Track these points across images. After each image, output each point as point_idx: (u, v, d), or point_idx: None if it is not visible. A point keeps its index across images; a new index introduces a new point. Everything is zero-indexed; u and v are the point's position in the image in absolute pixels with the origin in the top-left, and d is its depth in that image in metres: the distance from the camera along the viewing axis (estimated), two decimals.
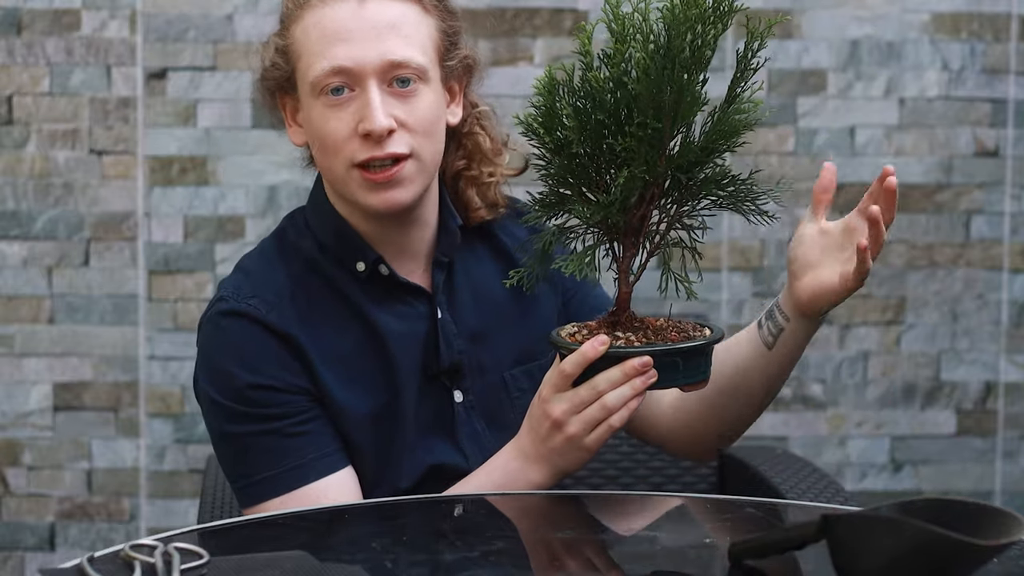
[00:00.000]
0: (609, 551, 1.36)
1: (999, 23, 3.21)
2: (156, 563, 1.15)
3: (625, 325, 1.46)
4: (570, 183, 1.42)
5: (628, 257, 1.45)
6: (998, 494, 3.28)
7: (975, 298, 3.25)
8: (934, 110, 3.22)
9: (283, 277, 1.64)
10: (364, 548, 1.32)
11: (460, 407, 1.66)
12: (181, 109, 3.08)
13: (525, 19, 3.14)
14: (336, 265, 1.65)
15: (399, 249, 1.65)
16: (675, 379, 1.44)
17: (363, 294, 1.64)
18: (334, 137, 1.58)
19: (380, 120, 1.55)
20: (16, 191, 3.07)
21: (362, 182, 1.58)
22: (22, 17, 3.05)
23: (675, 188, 1.42)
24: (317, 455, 1.58)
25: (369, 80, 1.56)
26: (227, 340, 1.60)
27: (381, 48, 1.56)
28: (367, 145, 1.56)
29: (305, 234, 1.67)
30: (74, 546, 3.11)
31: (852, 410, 3.25)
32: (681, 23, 1.36)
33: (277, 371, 1.58)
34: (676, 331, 1.45)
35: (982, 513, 1.13)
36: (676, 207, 1.45)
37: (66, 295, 3.09)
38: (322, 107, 1.58)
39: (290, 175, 3.04)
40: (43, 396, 3.10)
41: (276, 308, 1.60)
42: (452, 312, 1.67)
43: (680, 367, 1.42)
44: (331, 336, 1.62)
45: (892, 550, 1.08)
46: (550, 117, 1.40)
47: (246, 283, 1.63)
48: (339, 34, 1.57)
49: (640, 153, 1.37)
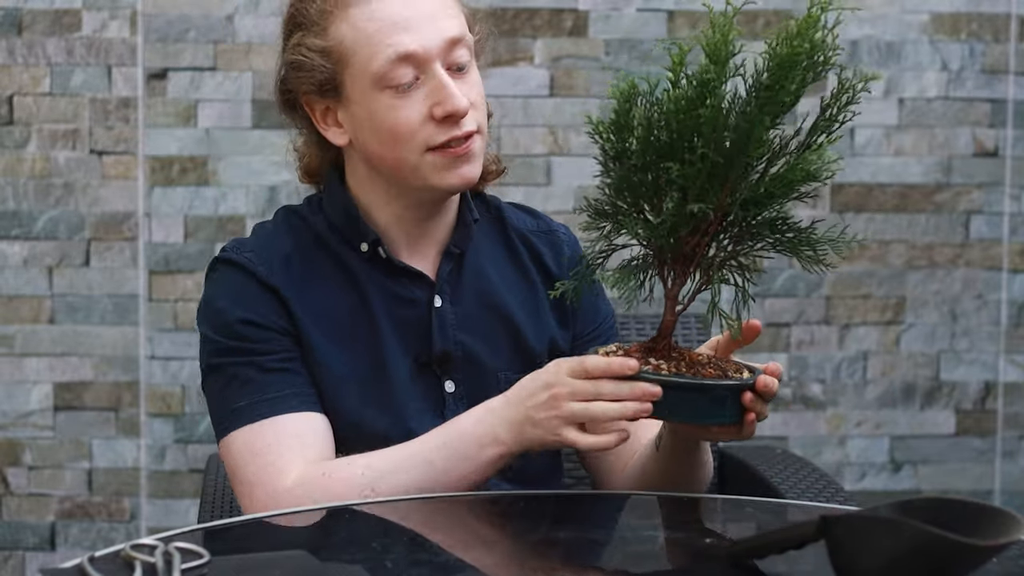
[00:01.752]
0: (609, 551, 1.36)
1: (999, 23, 3.21)
2: (156, 563, 1.15)
3: (662, 352, 1.41)
4: (626, 196, 1.39)
5: (677, 284, 1.41)
6: (997, 494, 3.28)
7: (974, 298, 3.25)
8: (933, 110, 3.22)
9: (285, 244, 1.68)
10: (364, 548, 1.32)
11: (450, 397, 1.67)
12: (181, 109, 3.09)
13: (525, 19, 3.14)
14: (343, 244, 1.67)
15: (418, 234, 1.68)
16: (693, 416, 1.39)
17: (365, 272, 1.66)
18: (407, 125, 1.59)
19: (462, 100, 1.58)
20: (17, 191, 3.07)
21: (440, 162, 1.60)
22: (23, 17, 3.05)
23: (735, 224, 1.38)
24: (293, 392, 1.60)
25: (435, 64, 1.58)
26: (220, 282, 1.66)
27: (439, 30, 1.59)
28: (445, 127, 1.59)
29: (317, 213, 1.71)
30: (75, 546, 3.11)
31: (852, 410, 3.25)
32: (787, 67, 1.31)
33: (263, 311, 1.63)
34: (715, 368, 1.40)
35: (981, 513, 1.13)
36: (733, 244, 1.40)
37: (66, 295, 3.09)
38: (388, 98, 1.59)
39: (290, 175, 3.03)
40: (44, 396, 3.10)
41: (267, 264, 1.65)
42: (454, 303, 1.68)
43: (701, 406, 1.37)
44: (322, 297, 1.65)
45: (891, 550, 1.08)
46: (620, 126, 1.37)
47: (249, 241, 1.69)
48: (397, 23, 1.58)
49: (696, 182, 1.34)
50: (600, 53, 3.16)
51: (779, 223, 1.39)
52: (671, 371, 1.38)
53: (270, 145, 3.04)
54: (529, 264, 1.76)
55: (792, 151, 1.37)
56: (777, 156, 1.37)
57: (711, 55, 1.34)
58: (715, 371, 1.39)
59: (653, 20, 3.16)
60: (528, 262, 1.76)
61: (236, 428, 1.59)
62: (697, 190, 1.34)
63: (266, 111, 3.05)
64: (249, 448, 1.57)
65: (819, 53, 1.33)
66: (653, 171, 1.36)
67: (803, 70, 1.33)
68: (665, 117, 1.35)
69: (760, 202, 1.37)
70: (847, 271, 3.22)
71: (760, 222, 1.38)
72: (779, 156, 1.37)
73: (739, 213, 1.36)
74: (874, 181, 3.22)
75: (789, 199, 1.38)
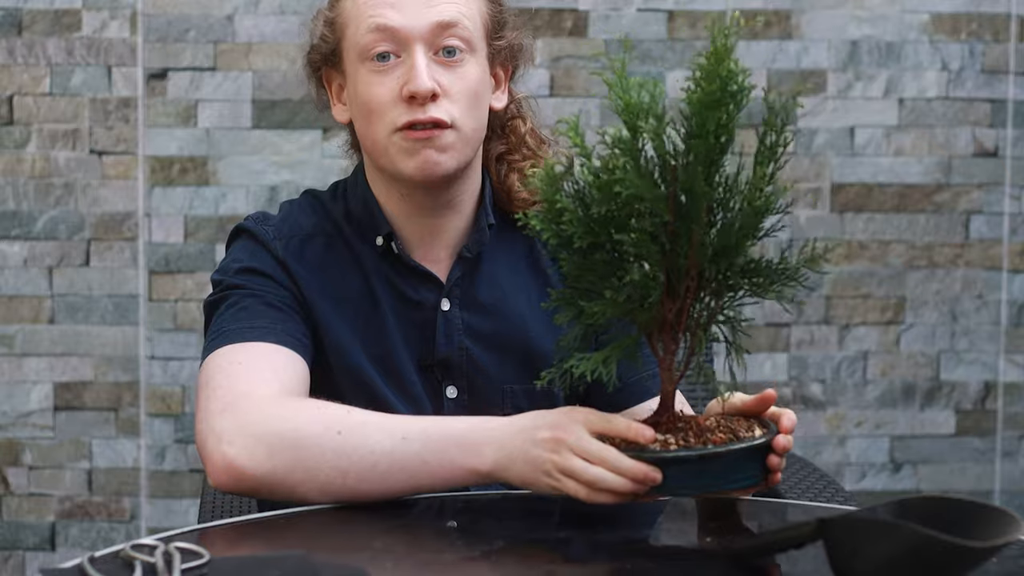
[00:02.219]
0: (609, 551, 1.36)
1: (999, 23, 3.22)
2: (156, 563, 1.16)
3: (667, 425, 1.35)
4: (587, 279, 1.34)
5: (669, 353, 1.35)
6: (997, 494, 3.28)
7: (974, 298, 3.25)
8: (933, 110, 3.22)
9: (306, 224, 1.68)
10: (364, 548, 1.32)
11: (451, 403, 1.66)
12: (181, 109, 3.09)
13: (525, 19, 3.14)
14: (358, 235, 1.67)
15: (427, 233, 1.67)
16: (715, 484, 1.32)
17: (376, 267, 1.66)
18: (378, 101, 1.59)
19: (424, 81, 1.56)
20: (17, 191, 3.07)
21: (402, 144, 1.59)
22: (23, 17, 3.05)
23: (711, 280, 1.32)
24: (284, 329, 1.57)
25: (415, 45, 1.58)
26: (236, 245, 1.67)
27: (430, 12, 1.59)
28: (410, 108, 1.58)
29: (339, 201, 1.71)
30: (74, 546, 3.11)
31: (851, 410, 3.25)
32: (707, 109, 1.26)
33: (273, 271, 1.62)
34: (724, 431, 1.35)
35: (979, 512, 1.13)
36: (714, 299, 1.34)
37: (66, 295, 3.09)
38: (367, 72, 1.60)
39: (290, 175, 3.04)
40: (44, 396, 3.10)
41: (285, 240, 1.65)
42: (464, 308, 1.67)
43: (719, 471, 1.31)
44: (335, 282, 1.64)
45: (889, 551, 1.08)
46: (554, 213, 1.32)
47: (271, 217, 1.69)
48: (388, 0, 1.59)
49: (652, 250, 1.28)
50: (600, 53, 3.16)
51: (752, 265, 1.34)
52: (679, 444, 1.32)
53: (270, 145, 3.04)
54: (553, 276, 1.71)
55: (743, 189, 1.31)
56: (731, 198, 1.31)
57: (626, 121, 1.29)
58: (725, 435, 1.33)
59: (653, 20, 3.17)
60: (553, 274, 1.71)
61: (220, 347, 1.53)
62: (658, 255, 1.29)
63: (266, 111, 3.05)
64: (230, 357, 1.51)
65: (732, 83, 1.27)
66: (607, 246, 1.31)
67: (722, 107, 1.27)
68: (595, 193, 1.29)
69: (730, 250, 1.31)
70: (847, 271, 3.22)
71: (734, 271, 1.33)
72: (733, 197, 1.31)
73: (711, 267, 1.31)
74: (874, 181, 3.22)
75: (756, 239, 1.31)
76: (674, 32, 3.15)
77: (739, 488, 1.34)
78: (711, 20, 1.30)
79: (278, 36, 3.03)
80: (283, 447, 1.40)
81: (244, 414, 1.43)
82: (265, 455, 1.40)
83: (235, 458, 1.40)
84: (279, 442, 1.40)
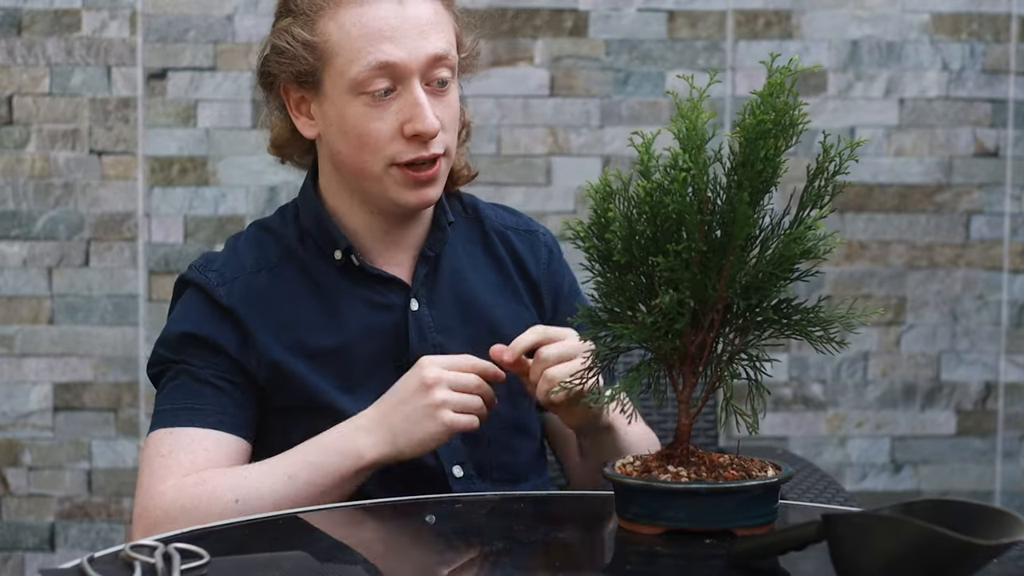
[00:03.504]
0: (609, 551, 1.36)
1: (999, 23, 3.21)
2: (156, 563, 1.15)
3: (680, 459, 1.35)
4: (618, 298, 1.34)
5: (688, 386, 1.35)
6: (998, 494, 3.28)
7: (975, 298, 3.25)
8: (934, 110, 3.22)
9: (248, 261, 1.68)
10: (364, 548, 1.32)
11: None
12: (181, 109, 3.08)
13: (525, 19, 3.14)
14: (315, 253, 1.67)
15: (391, 241, 1.67)
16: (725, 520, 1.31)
17: (338, 282, 1.66)
18: (376, 137, 1.59)
19: (432, 121, 1.58)
20: (16, 191, 3.07)
21: (403, 180, 1.60)
22: (22, 17, 3.05)
23: (738, 316, 1.33)
24: (215, 408, 1.61)
25: (413, 79, 1.58)
26: (179, 304, 1.69)
27: (425, 46, 1.58)
28: (412, 145, 1.59)
29: (290, 224, 1.71)
30: (74, 546, 3.11)
31: (852, 410, 3.25)
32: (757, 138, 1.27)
33: (211, 330, 1.63)
34: (737, 468, 1.34)
35: (982, 514, 1.13)
36: (739, 336, 1.34)
37: (66, 295, 3.09)
38: (362, 106, 1.58)
39: (289, 175, 3.04)
40: (43, 396, 3.10)
41: (228, 284, 1.65)
42: (431, 306, 1.68)
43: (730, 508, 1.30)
44: (284, 311, 1.65)
45: (892, 550, 1.08)
46: (600, 225, 1.32)
47: (218, 258, 1.69)
48: (383, 32, 1.57)
49: (684, 276, 1.29)
50: (600, 53, 3.16)
51: (783, 307, 1.33)
52: (691, 478, 1.32)
53: None
54: (508, 261, 1.75)
55: (785, 230, 1.32)
56: (771, 237, 1.32)
57: (682, 142, 1.29)
58: (737, 472, 1.33)
59: (653, 20, 3.16)
60: (507, 259, 1.75)
61: (156, 429, 1.61)
62: (689, 283, 1.29)
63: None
64: (157, 448, 1.59)
65: (786, 118, 1.28)
66: (641, 269, 1.32)
67: (772, 138, 1.28)
68: (643, 212, 1.30)
69: (760, 288, 1.31)
70: (847, 271, 3.22)
71: (763, 308, 1.32)
72: (773, 237, 1.32)
73: (740, 303, 1.31)
74: (874, 181, 3.22)
75: (790, 280, 1.32)
76: (674, 32, 3.15)
77: (749, 527, 1.32)
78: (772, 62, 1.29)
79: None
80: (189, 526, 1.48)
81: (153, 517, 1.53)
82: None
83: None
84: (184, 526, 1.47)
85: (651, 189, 1.28)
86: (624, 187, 1.32)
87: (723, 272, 1.29)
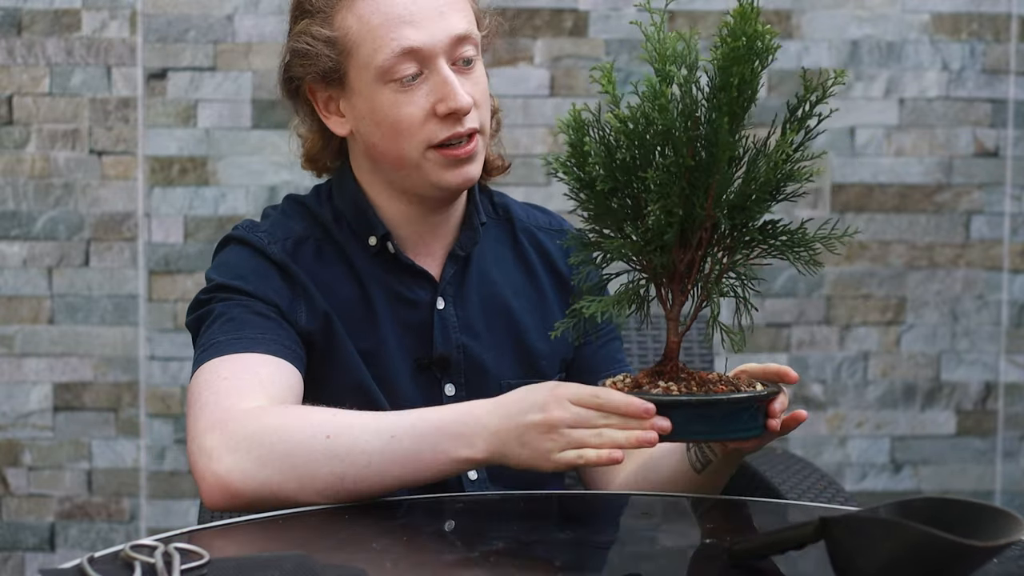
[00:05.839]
0: (609, 551, 1.36)
1: (999, 23, 3.21)
2: (156, 563, 1.15)
3: (670, 375, 1.39)
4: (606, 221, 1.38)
5: (678, 304, 1.39)
6: (998, 494, 3.28)
7: (975, 298, 3.25)
8: (934, 110, 3.22)
9: (298, 227, 1.67)
10: (364, 548, 1.32)
11: (450, 401, 1.65)
12: (181, 109, 3.09)
13: (525, 19, 3.14)
14: (350, 236, 1.67)
15: (424, 231, 1.67)
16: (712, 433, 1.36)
17: (370, 268, 1.65)
18: (409, 121, 1.59)
19: (465, 98, 1.57)
20: (16, 191, 3.07)
21: (441, 161, 1.60)
22: (22, 17, 3.05)
23: (726, 236, 1.37)
24: (272, 338, 1.55)
25: (439, 60, 1.58)
26: (222, 258, 1.65)
27: (445, 26, 1.58)
28: (447, 124, 1.58)
29: (326, 204, 1.70)
30: (74, 546, 3.11)
31: (852, 410, 3.25)
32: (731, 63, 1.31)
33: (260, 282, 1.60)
34: (725, 384, 1.38)
35: (981, 513, 1.13)
36: (727, 255, 1.38)
37: (66, 295, 3.09)
38: (392, 93, 1.59)
39: (290, 175, 3.04)
40: (43, 396, 3.10)
41: (280, 244, 1.64)
42: (457, 306, 1.68)
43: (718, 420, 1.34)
44: (327, 284, 1.64)
45: (891, 551, 1.08)
46: (579, 156, 1.36)
47: (262, 224, 1.68)
48: (403, 17, 1.57)
49: (673, 188, 1.33)
50: (600, 53, 3.17)
51: (769, 227, 1.38)
52: (681, 391, 1.35)
53: (270, 145, 3.04)
54: (537, 264, 1.75)
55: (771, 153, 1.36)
56: (756, 160, 1.36)
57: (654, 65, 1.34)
58: (727, 387, 1.37)
59: None
60: (536, 262, 1.75)
61: (208, 360, 1.53)
62: (678, 195, 1.33)
63: (266, 111, 3.05)
64: (217, 373, 1.50)
65: (758, 41, 1.32)
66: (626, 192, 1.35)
67: (746, 63, 1.31)
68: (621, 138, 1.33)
69: (747, 208, 1.35)
70: (847, 271, 3.22)
71: (751, 229, 1.37)
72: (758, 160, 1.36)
73: (727, 223, 1.35)
74: (874, 181, 3.22)
75: (775, 202, 1.36)
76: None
77: (739, 439, 1.38)
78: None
79: (278, 36, 3.02)
80: (273, 458, 1.40)
81: (231, 430, 1.41)
82: (255, 468, 1.40)
83: (226, 475, 1.40)
84: (268, 454, 1.40)
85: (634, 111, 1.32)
86: (595, 118, 1.36)
87: (710, 190, 1.33)
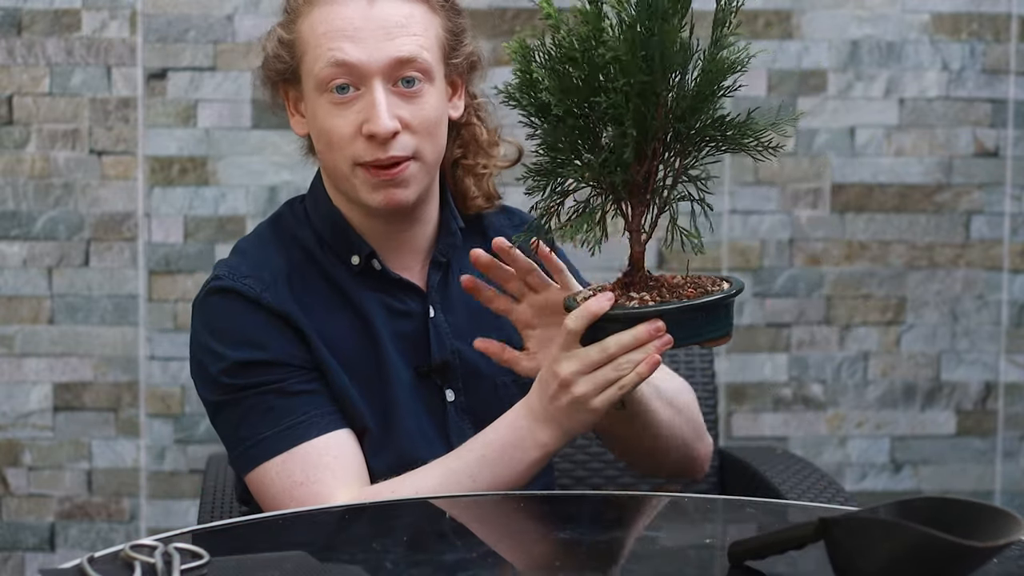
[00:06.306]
0: (609, 551, 1.36)
1: (999, 23, 3.21)
2: (156, 563, 1.15)
3: (639, 285, 1.43)
4: (560, 147, 1.41)
5: (638, 215, 1.42)
6: (998, 494, 3.28)
7: (975, 298, 3.25)
8: (934, 110, 3.22)
9: (280, 260, 1.65)
10: (364, 548, 1.32)
11: (451, 406, 1.66)
12: (181, 109, 3.09)
13: (525, 19, 3.14)
14: (332, 257, 1.66)
15: (397, 245, 1.67)
16: (693, 336, 1.41)
17: (357, 287, 1.65)
18: (338, 135, 1.59)
19: (385, 123, 1.56)
20: (16, 191, 3.07)
21: (366, 180, 1.59)
22: (22, 17, 3.05)
23: (676, 140, 1.40)
24: (318, 412, 1.57)
25: (374, 79, 1.57)
26: (220, 318, 1.62)
27: (388, 47, 1.57)
28: (371, 146, 1.58)
29: (304, 223, 1.69)
30: (74, 546, 3.11)
31: (852, 410, 3.25)
32: None
33: (273, 343, 1.59)
34: (693, 287, 1.42)
35: (981, 513, 1.13)
36: (679, 159, 1.42)
37: (66, 295, 3.09)
38: (326, 104, 1.59)
39: (290, 175, 3.04)
40: (43, 396, 3.10)
41: (271, 288, 1.61)
42: (446, 312, 1.68)
43: (699, 323, 1.39)
44: (324, 319, 1.63)
45: (890, 551, 1.08)
46: (529, 83, 1.40)
47: (242, 263, 1.64)
48: (346, 31, 1.57)
49: (629, 109, 1.35)
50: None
51: (717, 124, 1.41)
52: (656, 300, 1.40)
53: (270, 145, 3.04)
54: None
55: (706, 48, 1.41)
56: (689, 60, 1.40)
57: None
58: (696, 290, 1.41)
59: None
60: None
61: (267, 459, 1.55)
62: (632, 116, 1.35)
63: (266, 111, 3.04)
64: (288, 478, 1.53)
65: None
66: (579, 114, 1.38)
67: None
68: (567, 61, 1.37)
69: (696, 109, 1.39)
70: (847, 271, 3.22)
71: (699, 129, 1.40)
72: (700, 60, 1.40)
73: (677, 127, 1.38)
74: (874, 181, 3.22)
75: (718, 96, 1.39)
76: None
77: (715, 339, 1.42)
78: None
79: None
80: None
81: None
82: None
83: None
84: None
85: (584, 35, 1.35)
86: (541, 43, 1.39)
87: (660, 101, 1.37)
